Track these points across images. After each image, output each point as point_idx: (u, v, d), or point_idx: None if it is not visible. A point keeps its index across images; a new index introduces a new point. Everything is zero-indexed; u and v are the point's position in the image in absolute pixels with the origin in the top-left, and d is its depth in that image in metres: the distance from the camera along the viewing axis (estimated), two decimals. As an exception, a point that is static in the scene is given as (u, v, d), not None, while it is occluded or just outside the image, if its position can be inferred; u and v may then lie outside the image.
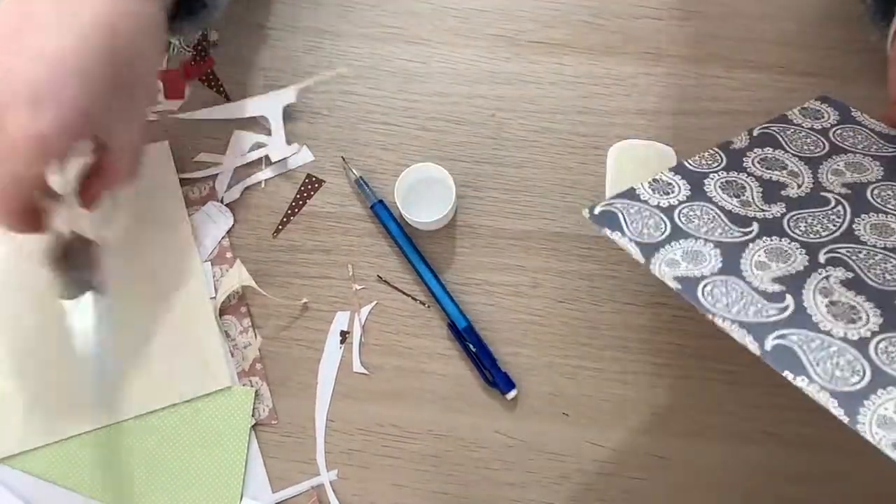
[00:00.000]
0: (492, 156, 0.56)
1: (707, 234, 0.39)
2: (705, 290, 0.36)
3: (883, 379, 0.32)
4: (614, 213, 0.40)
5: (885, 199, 0.42)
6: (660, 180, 0.42)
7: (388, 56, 0.58)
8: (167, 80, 0.58)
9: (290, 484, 0.52)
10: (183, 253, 0.55)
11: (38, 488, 0.51)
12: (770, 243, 0.39)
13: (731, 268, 0.37)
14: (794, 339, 0.34)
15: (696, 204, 0.41)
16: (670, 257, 0.38)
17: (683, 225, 0.40)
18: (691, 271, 0.37)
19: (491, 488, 0.52)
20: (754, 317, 0.35)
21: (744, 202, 0.42)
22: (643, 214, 0.40)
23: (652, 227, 0.40)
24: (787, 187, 0.43)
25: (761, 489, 0.51)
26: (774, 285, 0.37)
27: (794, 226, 0.40)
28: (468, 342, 0.52)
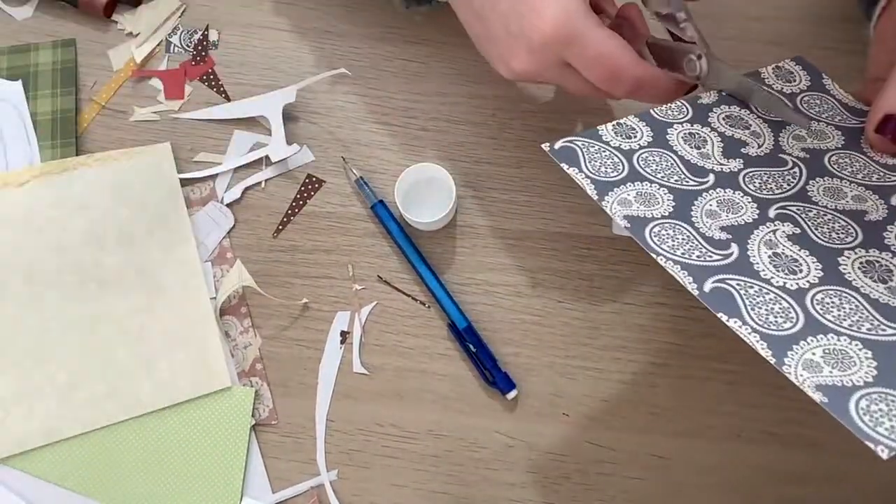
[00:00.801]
0: (492, 156, 0.56)
1: (662, 179, 0.40)
2: (653, 232, 0.37)
3: (815, 327, 0.33)
4: (574, 149, 0.40)
5: (841, 165, 0.43)
6: (624, 124, 0.42)
7: (388, 56, 0.58)
8: (167, 80, 0.58)
9: (290, 484, 0.52)
10: (183, 253, 0.55)
11: (38, 488, 0.51)
12: (723, 194, 0.40)
13: (682, 213, 0.38)
14: (734, 283, 0.34)
15: (655, 150, 0.42)
16: (623, 197, 0.38)
17: (641, 168, 0.40)
18: (642, 212, 0.37)
19: (491, 488, 0.52)
20: (697, 260, 0.35)
21: (703, 154, 0.42)
22: (602, 154, 0.41)
23: (609, 167, 0.40)
24: (747, 146, 0.43)
25: (761, 489, 0.51)
26: (721, 233, 0.37)
27: (749, 181, 0.41)
28: (468, 342, 0.52)
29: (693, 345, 0.53)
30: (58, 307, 0.53)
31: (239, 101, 0.58)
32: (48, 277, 0.53)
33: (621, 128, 0.42)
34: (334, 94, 0.58)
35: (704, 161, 0.42)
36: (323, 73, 0.57)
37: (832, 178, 0.42)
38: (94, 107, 0.58)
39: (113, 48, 0.59)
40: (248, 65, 0.58)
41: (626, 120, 0.43)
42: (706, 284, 0.34)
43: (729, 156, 0.42)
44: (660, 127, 0.43)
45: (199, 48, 0.59)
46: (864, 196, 0.41)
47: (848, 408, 0.30)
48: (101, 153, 0.56)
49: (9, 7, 0.60)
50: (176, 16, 0.60)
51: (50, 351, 0.52)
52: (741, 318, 0.33)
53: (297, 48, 0.58)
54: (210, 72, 0.58)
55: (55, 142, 0.56)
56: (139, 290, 0.54)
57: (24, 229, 0.54)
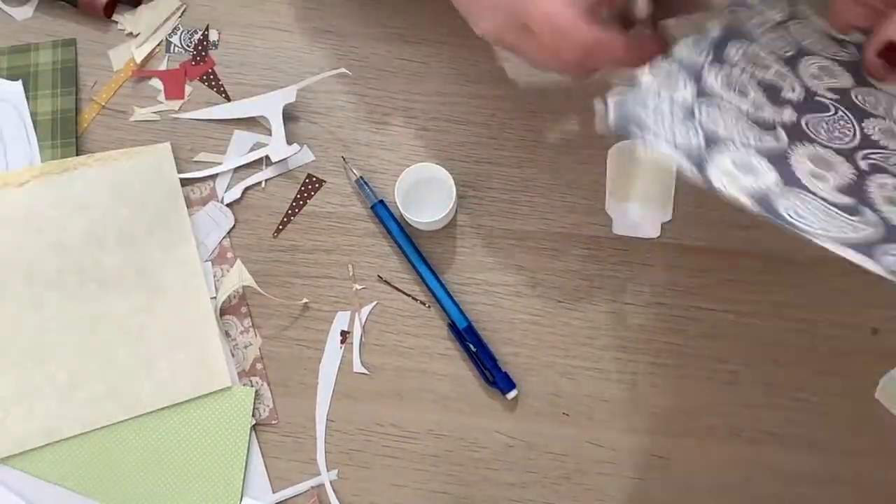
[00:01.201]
0: (492, 156, 0.56)
1: (744, 141, 0.37)
2: (787, 209, 0.33)
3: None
4: (632, 110, 0.36)
5: (872, 104, 0.41)
6: (658, 69, 0.40)
7: (388, 56, 0.58)
8: (167, 80, 0.58)
9: (290, 484, 0.52)
10: (183, 253, 0.55)
11: (38, 488, 0.51)
12: (811, 150, 0.37)
13: (791, 179, 0.35)
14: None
15: (710, 99, 0.39)
16: (725, 167, 0.35)
17: (711, 125, 0.37)
18: (758, 187, 0.34)
19: (491, 488, 0.52)
20: (852, 235, 0.33)
21: (756, 104, 0.40)
22: (662, 110, 0.37)
23: (681, 128, 0.36)
24: (782, 91, 0.41)
25: (761, 489, 0.51)
26: (844, 198, 0.35)
27: (815, 132, 0.39)
28: (468, 342, 0.52)
29: (693, 345, 0.53)
30: (58, 307, 0.53)
31: (239, 101, 0.58)
32: (48, 277, 0.53)
33: (660, 74, 0.39)
34: (334, 94, 0.58)
35: (762, 111, 0.39)
36: (323, 73, 0.57)
37: (875, 118, 0.40)
38: (94, 107, 0.58)
39: (113, 48, 0.59)
40: (248, 65, 0.58)
41: (662, 69, 0.39)
42: (883, 259, 0.31)
43: (776, 103, 0.40)
44: (695, 71, 0.40)
45: (199, 48, 0.59)
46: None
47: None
48: (101, 153, 0.56)
49: (9, 7, 0.60)
50: (176, 16, 0.60)
51: (50, 351, 0.52)
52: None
53: (297, 48, 0.58)
54: (210, 72, 0.58)
55: (55, 142, 0.56)
56: (139, 290, 0.54)
57: (24, 229, 0.54)
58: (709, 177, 0.34)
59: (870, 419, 0.52)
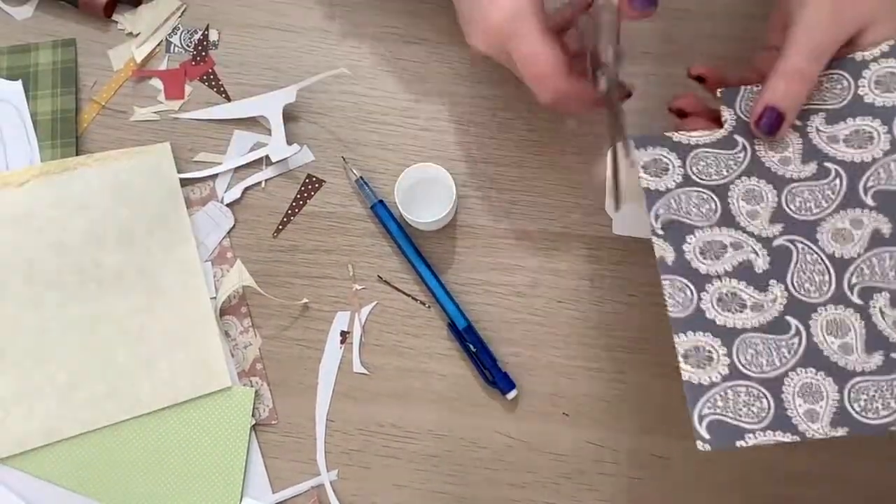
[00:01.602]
0: (492, 156, 0.56)
1: (783, 366, 0.41)
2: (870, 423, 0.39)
3: None
4: (718, 419, 0.42)
5: (803, 205, 0.43)
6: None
7: (388, 56, 0.58)
8: (167, 80, 0.58)
9: (290, 484, 0.52)
10: (183, 253, 0.55)
11: (38, 488, 0.51)
12: (824, 316, 0.41)
13: (841, 375, 0.40)
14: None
15: (735, 338, 0.42)
16: (806, 413, 0.41)
17: (753, 366, 0.41)
18: (831, 409, 0.40)
19: (491, 488, 0.52)
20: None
21: (756, 305, 0.42)
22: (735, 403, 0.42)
23: (755, 408, 0.41)
24: (754, 265, 0.43)
25: (761, 489, 0.51)
26: (873, 358, 0.39)
27: (807, 293, 0.41)
28: (468, 342, 0.52)
29: (693, 345, 0.53)
30: (58, 307, 0.53)
31: (239, 101, 0.58)
32: (48, 277, 0.53)
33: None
34: (334, 94, 0.58)
35: (764, 313, 0.42)
36: (323, 73, 0.57)
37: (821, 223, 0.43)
38: (94, 107, 0.58)
39: (113, 48, 0.59)
40: (248, 65, 0.58)
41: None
42: None
43: (761, 288, 0.42)
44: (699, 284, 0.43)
45: (199, 48, 0.59)
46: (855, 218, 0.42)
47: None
48: (101, 153, 0.56)
49: (9, 7, 0.60)
50: (176, 16, 0.60)
51: (50, 351, 0.52)
52: None
53: (297, 48, 0.58)
54: (210, 72, 0.58)
55: (55, 142, 0.56)
56: (139, 290, 0.54)
57: (24, 229, 0.54)
58: (802, 432, 0.41)
59: (870, 419, 0.52)
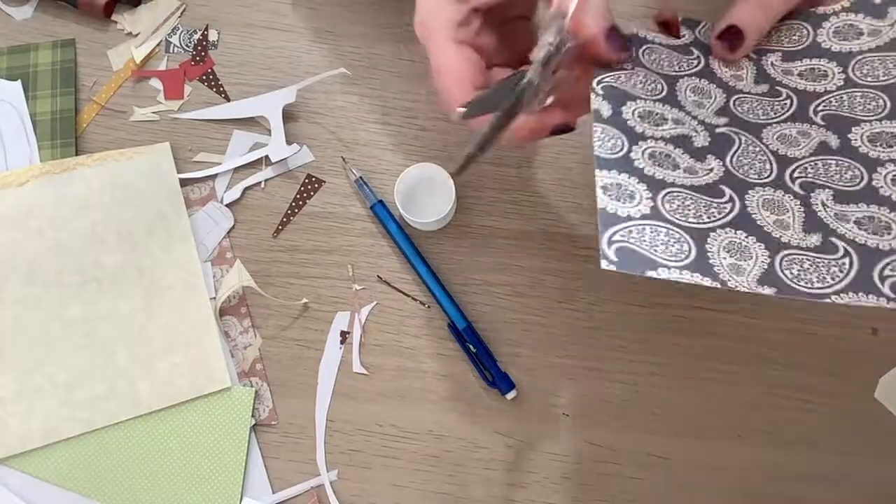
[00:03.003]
0: (492, 156, 0.56)
1: (708, 220, 0.38)
2: (800, 288, 0.35)
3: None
4: (632, 251, 0.37)
5: (753, 113, 0.43)
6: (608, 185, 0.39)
7: (388, 56, 0.58)
8: (167, 80, 0.58)
9: (290, 484, 0.52)
10: (183, 253, 0.55)
11: (38, 488, 0.51)
12: (763, 194, 0.39)
13: (772, 245, 0.37)
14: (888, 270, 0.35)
15: (661, 188, 0.39)
16: (727, 262, 0.36)
17: (681, 219, 0.38)
18: (756, 269, 0.36)
19: (491, 488, 0.52)
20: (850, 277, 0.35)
21: (688, 169, 0.40)
22: (643, 232, 0.38)
23: (673, 243, 0.37)
24: (691, 138, 0.42)
25: (761, 489, 0.51)
26: (810, 237, 0.37)
27: (745, 174, 0.40)
28: (468, 342, 0.52)
29: (693, 345, 0.53)
30: (58, 307, 0.53)
31: (239, 101, 0.58)
32: (48, 277, 0.53)
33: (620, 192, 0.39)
34: (334, 94, 0.58)
35: (695, 176, 0.40)
36: (323, 73, 0.57)
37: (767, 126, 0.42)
38: (93, 107, 0.58)
39: (113, 48, 0.59)
40: (248, 65, 0.58)
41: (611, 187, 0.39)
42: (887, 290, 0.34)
43: (698, 157, 0.41)
44: (624, 165, 0.40)
45: (199, 48, 0.59)
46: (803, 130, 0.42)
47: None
48: (100, 153, 0.56)
49: (9, 7, 0.60)
50: (176, 16, 0.60)
51: (50, 351, 0.52)
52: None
53: (297, 48, 0.58)
54: (210, 72, 0.58)
55: (55, 142, 0.56)
56: (139, 290, 0.54)
57: (24, 229, 0.54)
58: (723, 280, 0.36)
59: (870, 419, 0.52)
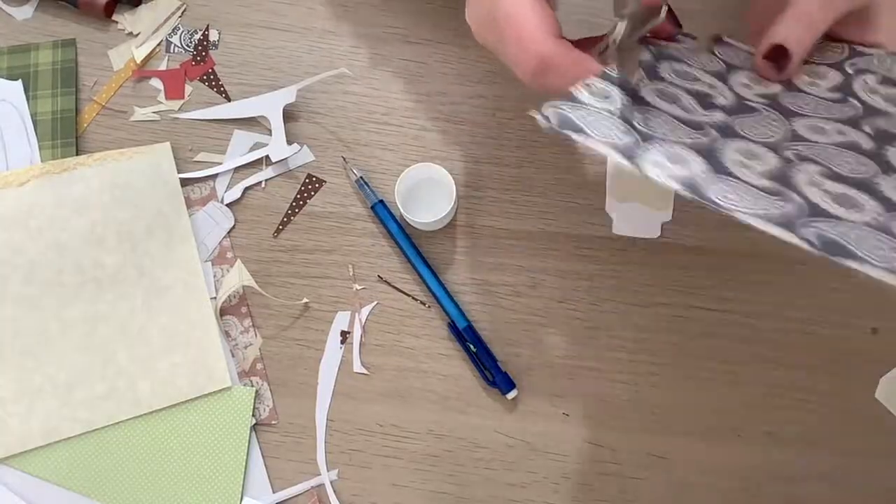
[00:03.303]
0: (492, 156, 0.56)
1: (676, 137, 0.38)
2: (717, 192, 0.34)
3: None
4: (569, 116, 0.37)
5: (799, 105, 0.43)
6: (593, 86, 0.39)
7: (388, 56, 0.58)
8: (167, 80, 0.58)
9: (290, 484, 0.52)
10: (183, 253, 0.55)
11: (38, 488, 0.51)
12: (740, 145, 0.39)
13: (719, 168, 0.36)
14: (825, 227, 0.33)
15: (643, 108, 0.40)
16: (654, 159, 0.36)
17: (645, 128, 0.38)
18: (683, 172, 0.35)
19: (491, 488, 0.52)
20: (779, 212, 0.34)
21: (686, 108, 0.41)
22: (599, 118, 0.37)
23: (617, 131, 0.37)
24: (713, 97, 0.43)
25: (761, 489, 0.51)
26: (768, 182, 0.36)
27: (746, 129, 0.40)
28: (468, 342, 0.52)
29: (693, 345, 0.53)
30: (58, 307, 0.53)
31: (239, 101, 0.58)
32: (48, 277, 0.53)
33: (593, 89, 0.39)
34: (334, 94, 0.58)
35: (692, 115, 0.41)
36: (323, 73, 0.57)
37: (803, 117, 0.42)
38: (94, 107, 0.58)
39: (113, 48, 0.59)
40: (248, 65, 0.58)
41: (593, 82, 0.40)
42: (810, 235, 0.33)
43: (706, 107, 0.42)
44: (627, 86, 0.41)
45: (200, 48, 0.59)
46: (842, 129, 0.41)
47: None
48: (100, 153, 0.56)
49: (9, 7, 0.60)
50: (176, 16, 0.60)
51: (50, 351, 0.52)
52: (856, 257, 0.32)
53: (297, 48, 0.58)
54: (210, 72, 0.58)
55: (55, 142, 0.56)
56: (139, 290, 0.54)
57: (24, 229, 0.54)
58: (641, 166, 0.35)
59: (870, 419, 0.52)
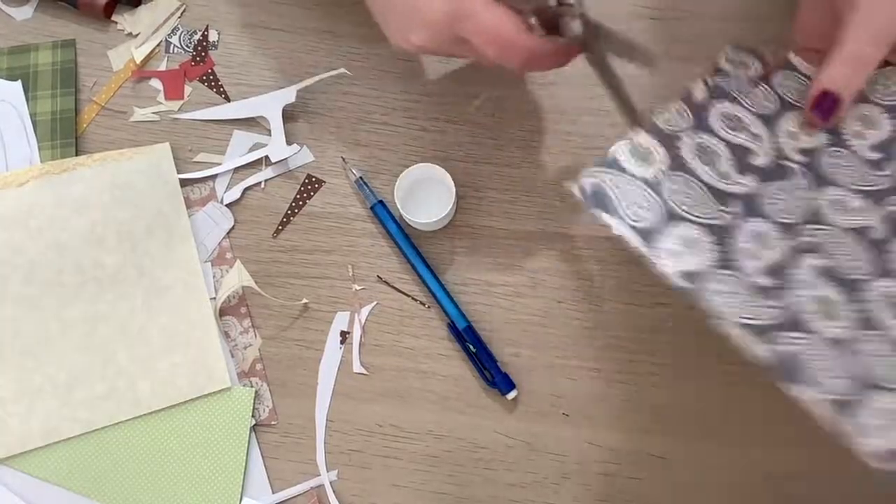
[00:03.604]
0: (492, 156, 0.56)
1: (697, 216, 0.40)
2: (715, 293, 0.38)
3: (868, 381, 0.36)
4: (604, 189, 0.40)
5: (834, 170, 0.44)
6: (638, 145, 0.42)
7: (388, 56, 0.58)
8: (167, 81, 0.58)
9: (290, 484, 0.52)
10: (183, 253, 0.55)
11: (38, 488, 0.51)
12: (754, 226, 0.41)
13: (727, 259, 0.39)
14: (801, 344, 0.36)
15: (677, 174, 0.42)
16: (670, 248, 0.39)
17: (672, 202, 0.40)
18: (694, 265, 0.38)
19: (491, 488, 0.52)
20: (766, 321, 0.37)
21: (721, 174, 0.42)
22: (631, 188, 0.40)
23: (643, 205, 0.40)
24: (752, 154, 0.44)
25: (761, 489, 0.51)
26: (766, 279, 0.38)
27: (769, 205, 0.42)
28: (468, 342, 0.52)
29: (693, 345, 0.53)
30: (58, 307, 0.53)
31: (239, 101, 0.58)
32: (48, 277, 0.53)
33: (637, 150, 0.42)
34: (334, 94, 0.58)
35: (724, 183, 0.42)
36: (323, 73, 0.57)
37: (834, 186, 0.43)
38: (93, 107, 0.58)
39: (113, 48, 0.59)
40: (248, 65, 0.58)
41: (638, 139, 0.43)
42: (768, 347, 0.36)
43: (742, 171, 0.43)
44: (670, 142, 0.43)
45: (199, 48, 0.59)
46: (865, 206, 0.42)
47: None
48: (100, 153, 0.56)
49: (9, 7, 0.60)
50: (176, 16, 0.60)
51: (50, 351, 0.52)
52: (813, 384, 0.35)
53: (297, 48, 0.58)
54: (210, 72, 0.58)
55: (55, 142, 0.56)
56: (139, 290, 0.54)
57: (24, 229, 0.54)
58: (652, 255, 0.39)
59: (870, 419, 0.52)
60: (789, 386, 0.34)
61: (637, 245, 0.38)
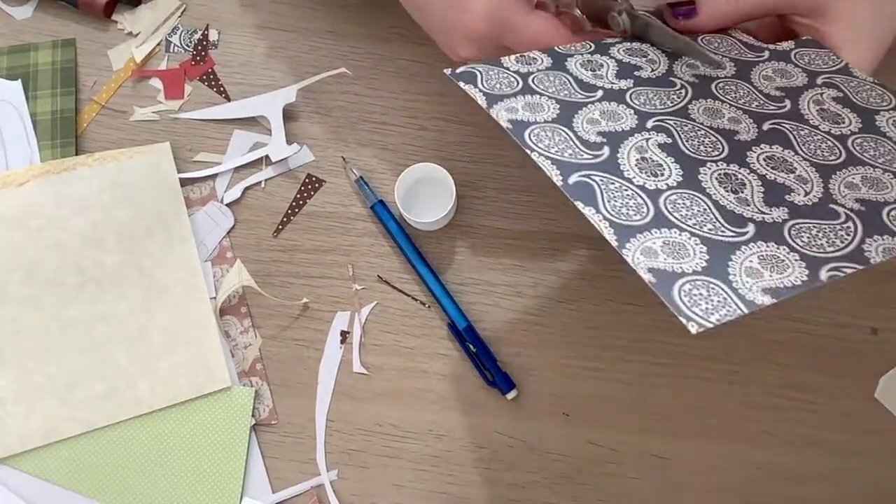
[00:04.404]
0: (492, 156, 0.56)
1: (552, 94, 0.41)
2: (532, 133, 0.38)
3: (662, 222, 0.35)
4: (473, 72, 0.42)
5: (726, 91, 0.44)
6: (527, 55, 0.44)
7: (388, 56, 0.58)
8: (167, 80, 0.58)
9: (290, 484, 0.52)
10: (183, 253, 0.55)
11: (38, 488, 0.51)
12: (607, 106, 0.41)
13: (564, 120, 0.40)
14: (597, 178, 0.37)
15: (552, 72, 0.43)
16: (511, 106, 0.40)
17: (534, 85, 0.42)
18: (526, 117, 0.39)
19: (491, 488, 0.52)
20: (568, 157, 0.38)
21: (597, 75, 0.43)
22: (501, 76, 0.42)
23: (505, 85, 0.41)
24: (641, 69, 0.44)
25: (761, 489, 0.51)
26: (597, 137, 0.39)
27: (634, 97, 0.42)
28: (468, 342, 0.52)
29: (693, 345, 0.53)
30: (58, 307, 0.53)
31: (239, 100, 0.58)
32: (48, 277, 0.53)
33: (524, 57, 0.43)
34: (334, 94, 0.58)
35: (596, 80, 0.43)
36: (323, 73, 0.57)
37: (714, 100, 0.43)
38: (93, 107, 0.58)
39: (113, 48, 0.59)
40: (248, 65, 0.58)
41: (531, 52, 0.44)
42: (571, 177, 0.37)
43: (621, 77, 0.44)
44: (561, 57, 0.44)
45: (199, 48, 0.59)
46: (740, 118, 0.42)
47: (672, 288, 0.32)
48: (100, 153, 0.56)
49: (9, 7, 0.60)
50: (176, 15, 0.60)
51: (50, 351, 0.52)
52: (596, 207, 0.36)
53: (297, 48, 0.58)
54: (210, 71, 0.58)
55: (55, 142, 0.56)
56: (139, 290, 0.54)
57: (24, 229, 0.54)
58: (491, 109, 0.40)
59: (870, 419, 0.52)
60: (579, 205, 0.36)
61: (480, 102, 0.40)
